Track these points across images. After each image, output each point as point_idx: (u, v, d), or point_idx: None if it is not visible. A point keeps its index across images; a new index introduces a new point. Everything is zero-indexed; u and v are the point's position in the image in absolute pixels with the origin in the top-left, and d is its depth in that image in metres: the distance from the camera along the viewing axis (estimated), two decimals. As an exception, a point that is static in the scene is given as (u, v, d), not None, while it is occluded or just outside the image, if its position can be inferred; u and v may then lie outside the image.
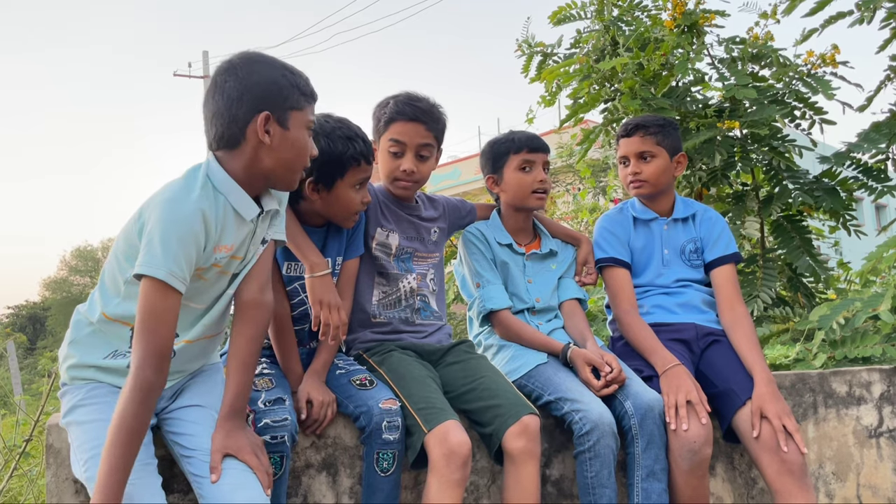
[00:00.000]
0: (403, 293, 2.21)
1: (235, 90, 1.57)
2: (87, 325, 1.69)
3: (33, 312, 32.36)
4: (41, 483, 3.42)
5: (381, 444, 1.84)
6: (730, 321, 2.26)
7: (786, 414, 1.99)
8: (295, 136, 1.63)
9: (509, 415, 1.89)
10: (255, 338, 1.70)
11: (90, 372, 1.65)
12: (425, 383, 1.97)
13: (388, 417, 1.84)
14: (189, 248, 1.52)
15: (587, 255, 2.44)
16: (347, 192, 1.98)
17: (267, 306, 1.74)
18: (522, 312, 2.33)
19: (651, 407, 2.00)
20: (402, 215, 2.24)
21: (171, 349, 1.52)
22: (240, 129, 1.58)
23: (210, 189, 1.60)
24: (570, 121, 3.68)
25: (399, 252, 2.22)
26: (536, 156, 2.33)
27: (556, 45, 3.81)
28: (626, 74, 3.28)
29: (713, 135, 3.16)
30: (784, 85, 3.30)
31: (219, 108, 1.59)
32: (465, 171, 19.59)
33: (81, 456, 1.51)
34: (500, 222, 2.41)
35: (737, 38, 3.37)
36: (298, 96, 1.62)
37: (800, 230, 3.38)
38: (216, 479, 1.52)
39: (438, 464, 1.78)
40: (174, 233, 1.50)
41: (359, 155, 1.95)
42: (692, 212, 2.45)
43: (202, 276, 1.63)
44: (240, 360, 1.67)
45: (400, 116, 2.12)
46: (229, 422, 1.61)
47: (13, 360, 9.13)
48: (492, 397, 1.96)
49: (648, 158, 2.38)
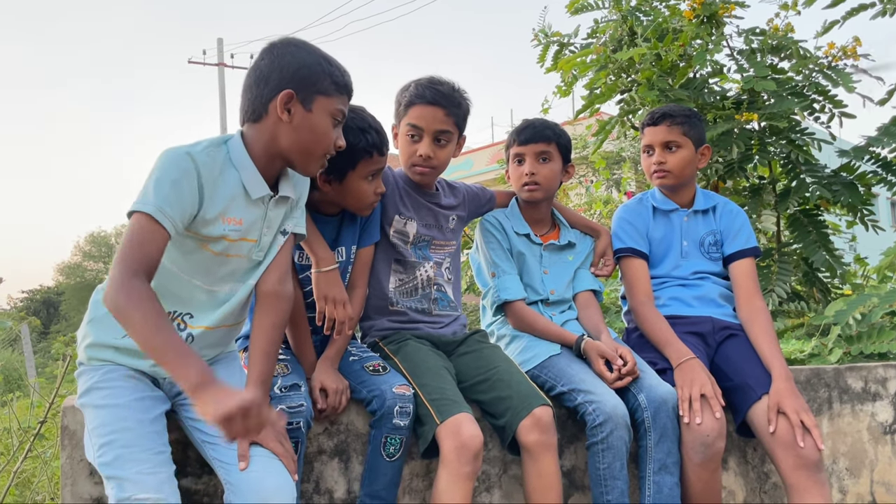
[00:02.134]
0: (420, 282, 2.19)
1: (267, 67, 1.62)
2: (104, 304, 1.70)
3: (47, 297, 32.65)
4: (55, 465, 3.45)
5: (390, 429, 1.84)
6: (748, 315, 2.24)
7: (804, 410, 1.97)
8: (317, 120, 1.63)
9: (521, 407, 1.89)
10: (276, 326, 1.71)
11: (107, 353, 1.66)
12: (440, 374, 1.96)
13: (400, 402, 1.84)
14: (182, 192, 1.53)
15: (605, 246, 2.41)
16: (359, 183, 1.95)
17: (287, 297, 1.74)
18: (536, 304, 2.31)
19: (665, 400, 1.98)
20: (422, 202, 2.22)
21: (148, 278, 1.48)
22: (263, 103, 1.62)
23: (223, 155, 1.62)
24: (586, 112, 3.66)
25: (416, 240, 2.20)
26: (525, 148, 2.30)
27: (572, 34, 3.79)
28: (643, 65, 3.26)
29: (731, 127, 3.13)
30: (804, 77, 3.27)
31: (250, 83, 1.64)
32: (478, 162, 19.50)
33: (95, 441, 1.51)
34: (518, 211, 2.39)
35: (756, 30, 3.34)
36: (329, 84, 1.63)
37: (816, 224, 3.35)
38: (245, 467, 1.51)
39: (449, 456, 1.78)
40: (168, 176, 1.52)
41: (371, 147, 1.92)
42: (713, 204, 2.43)
43: (208, 246, 1.62)
44: (261, 349, 1.69)
45: (419, 100, 2.08)
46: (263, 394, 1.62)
47: (27, 344, 9.22)
48: (504, 388, 1.95)
49: (674, 148, 2.35)
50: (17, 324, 10.41)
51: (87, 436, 1.56)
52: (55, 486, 3.32)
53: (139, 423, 1.53)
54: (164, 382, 1.69)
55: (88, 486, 1.74)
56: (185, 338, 1.68)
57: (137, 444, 1.48)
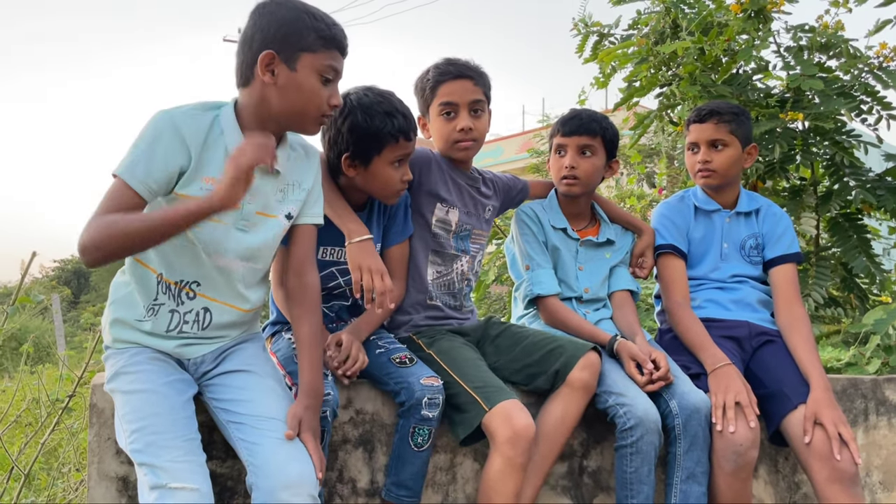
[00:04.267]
0: (455, 275, 2.17)
1: (251, 30, 1.59)
2: (124, 286, 1.70)
3: (78, 267, 33.16)
4: (81, 437, 3.50)
5: (418, 420, 1.82)
6: (787, 322, 2.18)
7: (842, 422, 1.92)
8: (303, 78, 1.59)
9: (577, 349, 1.92)
10: (309, 316, 1.72)
11: (131, 334, 1.66)
12: (479, 364, 1.96)
13: (429, 394, 1.82)
14: (156, 153, 1.53)
15: (646, 246, 2.35)
16: (385, 168, 1.92)
17: (310, 286, 1.74)
18: (570, 300, 2.27)
19: (697, 408, 1.93)
20: (464, 186, 2.18)
21: (110, 242, 1.45)
22: (249, 66, 1.59)
23: (209, 119, 1.61)
24: (624, 105, 3.59)
25: (458, 229, 2.16)
26: (568, 139, 2.25)
27: (613, 25, 3.71)
28: (686, 59, 3.17)
29: (774, 126, 3.04)
30: (852, 77, 3.16)
31: (237, 49, 1.62)
32: (508, 149, 19.39)
33: (126, 427, 1.51)
34: (556, 204, 2.34)
35: (805, 26, 3.23)
36: (314, 39, 1.58)
37: (858, 229, 3.25)
38: (292, 437, 1.54)
39: (504, 446, 1.77)
40: (145, 138, 1.53)
41: (397, 131, 1.89)
42: (756, 206, 2.37)
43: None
44: (304, 340, 1.69)
45: (446, 77, 2.07)
46: (310, 398, 1.63)
47: (58, 315, 9.38)
48: (551, 342, 1.98)
49: (720, 147, 2.29)
50: (49, 293, 10.59)
51: (118, 421, 1.56)
52: (81, 456, 3.37)
53: (171, 408, 1.53)
54: (188, 364, 1.69)
55: (115, 464, 1.75)
56: (202, 316, 1.68)
57: (169, 430, 1.48)
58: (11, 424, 3.07)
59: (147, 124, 1.56)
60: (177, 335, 1.67)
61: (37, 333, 7.44)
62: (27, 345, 3.10)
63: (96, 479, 1.75)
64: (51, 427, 2.69)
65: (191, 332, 1.68)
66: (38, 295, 2.51)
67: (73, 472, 3.25)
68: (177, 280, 1.66)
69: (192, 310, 1.67)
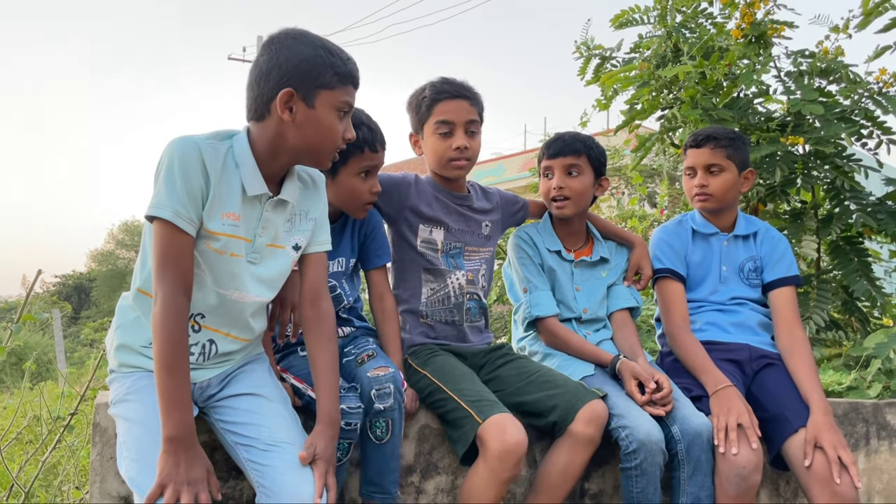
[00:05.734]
0: (452, 290, 2.18)
1: (266, 64, 1.57)
2: (131, 310, 1.70)
3: (79, 283, 33.16)
4: (81, 454, 3.49)
5: (374, 414, 1.79)
6: (787, 345, 2.19)
7: (842, 446, 1.92)
8: (321, 115, 1.59)
9: (576, 400, 1.89)
10: (326, 344, 1.71)
11: (136, 358, 1.66)
12: (474, 380, 1.96)
13: (376, 385, 1.79)
14: (192, 184, 1.51)
15: (640, 258, 2.37)
16: (351, 180, 1.95)
17: (325, 315, 1.74)
18: (570, 321, 2.28)
19: (699, 433, 1.93)
20: (452, 206, 2.21)
21: (189, 293, 1.52)
22: (265, 103, 1.58)
23: (225, 150, 1.60)
24: (626, 127, 3.61)
25: (446, 248, 2.18)
26: (554, 161, 2.28)
27: (615, 48, 3.74)
28: (687, 83, 3.20)
29: (775, 149, 3.06)
30: (852, 102, 3.19)
31: (251, 80, 1.60)
32: (509, 168, 19.46)
33: (126, 454, 1.51)
34: (550, 226, 2.37)
35: (806, 52, 3.26)
36: (331, 76, 1.58)
37: (859, 252, 3.26)
38: (306, 460, 1.54)
39: (493, 459, 1.76)
40: (176, 169, 1.51)
41: (361, 142, 1.91)
42: (754, 230, 2.39)
43: (210, 244, 1.59)
44: (324, 368, 1.69)
45: (443, 96, 2.10)
46: (329, 427, 1.62)
47: (58, 329, 9.36)
48: (552, 387, 1.95)
49: (716, 172, 2.32)
50: (50, 308, 10.59)
51: (119, 447, 1.56)
52: (81, 475, 3.36)
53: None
54: (195, 388, 1.69)
55: (116, 483, 1.75)
56: (208, 348, 1.68)
57: None
58: (12, 442, 3.07)
59: (170, 156, 1.53)
60: None
61: (38, 350, 7.43)
62: (29, 362, 3.10)
63: (98, 498, 1.74)
64: (52, 445, 2.69)
65: (195, 361, 1.69)
66: (41, 313, 2.52)
67: (72, 490, 3.24)
68: None
69: (198, 342, 1.68)
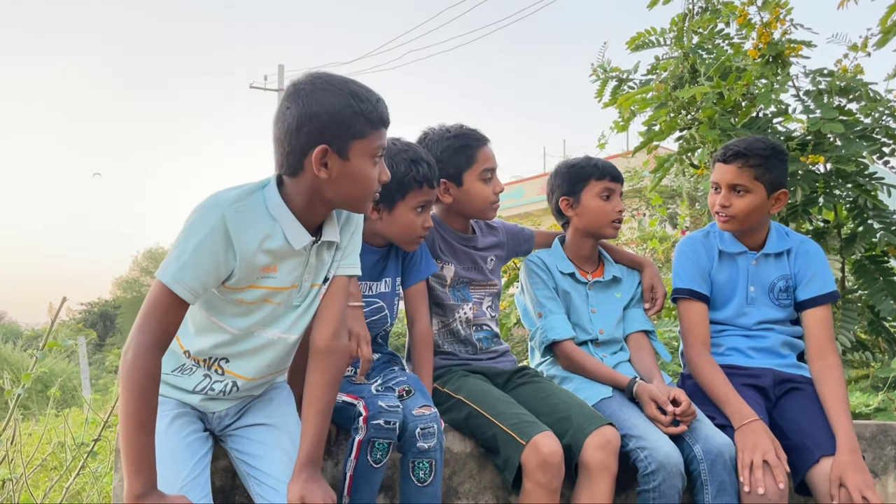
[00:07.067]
0: (459, 323, 2.21)
1: (296, 119, 1.50)
2: None
3: (105, 310, 33.45)
4: (105, 480, 3.51)
5: (415, 454, 1.79)
6: (819, 372, 2.10)
7: (867, 486, 1.84)
8: (356, 166, 1.53)
9: (587, 424, 1.88)
10: (331, 385, 1.64)
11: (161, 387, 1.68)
12: (509, 401, 1.97)
13: (421, 423, 1.79)
14: (205, 255, 1.47)
15: (652, 279, 2.37)
16: (408, 214, 1.98)
17: (341, 352, 1.67)
18: (586, 344, 2.28)
19: (721, 452, 1.91)
20: (458, 248, 2.25)
21: (164, 349, 1.49)
22: (297, 159, 1.52)
23: (257, 204, 1.55)
24: (644, 148, 3.61)
25: (454, 282, 2.23)
26: (617, 185, 2.30)
27: (632, 70, 3.76)
28: (705, 103, 3.20)
29: (795, 169, 3.04)
30: (873, 120, 3.16)
31: (280, 134, 1.53)
32: (529, 191, 19.48)
33: None
34: (561, 251, 2.38)
35: (824, 70, 3.25)
36: (363, 124, 1.52)
37: (884, 272, 3.21)
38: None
39: (535, 473, 1.80)
40: (193, 239, 1.47)
41: (421, 178, 1.96)
42: (787, 246, 2.24)
43: (241, 298, 1.58)
44: (316, 408, 1.63)
45: (481, 143, 2.18)
46: (306, 471, 1.58)
47: (83, 356, 9.46)
48: (566, 409, 1.95)
49: (741, 192, 2.15)
50: (75, 335, 10.71)
51: None
52: (104, 501, 3.38)
53: (185, 475, 1.54)
54: (212, 417, 1.71)
55: (137, 509, 1.75)
56: (230, 387, 1.69)
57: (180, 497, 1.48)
58: (37, 468, 3.10)
59: (191, 224, 1.49)
60: (203, 394, 1.70)
61: (63, 376, 7.51)
62: (54, 389, 3.14)
63: (119, 524, 1.75)
64: (76, 471, 2.71)
65: (215, 395, 1.71)
66: (66, 340, 2.55)
67: (95, 517, 3.26)
68: (204, 358, 1.68)
69: (222, 381, 1.69)
